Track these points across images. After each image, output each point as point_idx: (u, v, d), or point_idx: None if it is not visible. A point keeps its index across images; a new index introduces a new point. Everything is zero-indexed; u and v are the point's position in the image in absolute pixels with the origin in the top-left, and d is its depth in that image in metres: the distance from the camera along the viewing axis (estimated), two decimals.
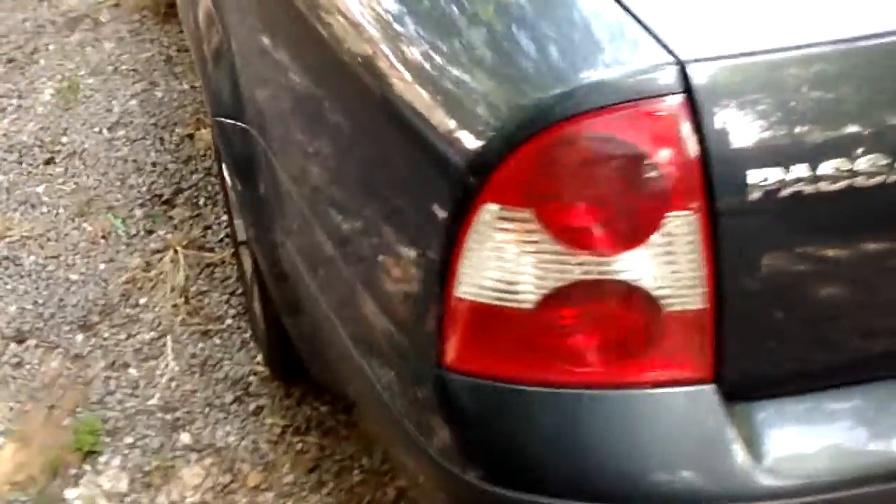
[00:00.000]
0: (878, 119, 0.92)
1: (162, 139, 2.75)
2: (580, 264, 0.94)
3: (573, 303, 0.96)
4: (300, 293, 1.48)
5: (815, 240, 0.96)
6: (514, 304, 0.96)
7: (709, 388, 1.04)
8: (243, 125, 1.51)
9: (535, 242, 0.93)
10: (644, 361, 1.02)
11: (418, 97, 0.99)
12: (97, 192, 2.55)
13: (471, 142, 0.92)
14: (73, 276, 2.30)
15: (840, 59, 0.91)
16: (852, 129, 0.91)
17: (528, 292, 0.96)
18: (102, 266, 2.32)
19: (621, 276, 0.95)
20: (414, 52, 1.03)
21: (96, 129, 2.79)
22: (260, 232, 1.59)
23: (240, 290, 2.25)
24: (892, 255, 1.01)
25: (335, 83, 1.17)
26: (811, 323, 1.04)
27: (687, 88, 0.87)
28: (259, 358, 2.09)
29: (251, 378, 2.05)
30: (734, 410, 1.04)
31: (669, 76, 0.88)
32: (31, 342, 2.13)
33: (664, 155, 0.89)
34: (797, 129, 0.90)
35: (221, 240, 2.41)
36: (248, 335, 2.15)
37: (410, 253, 1.04)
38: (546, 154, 0.88)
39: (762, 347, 1.04)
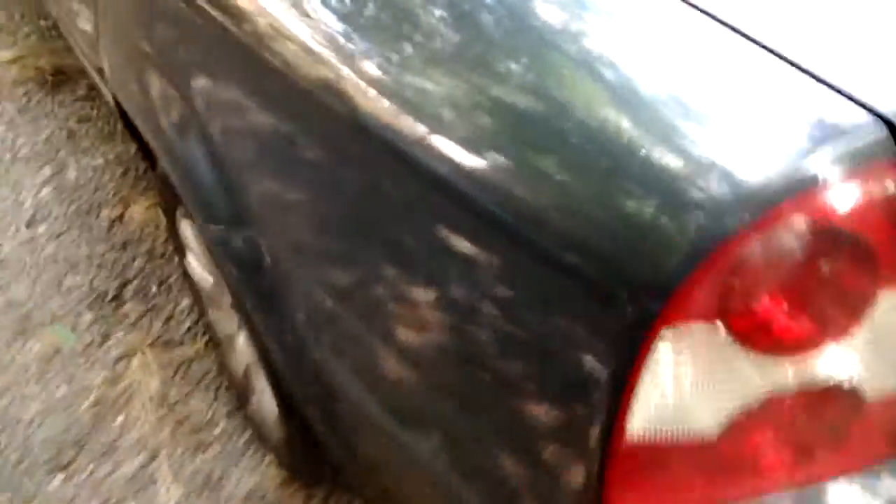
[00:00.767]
0: None
1: (90, 227, 2.46)
2: (777, 372, 0.77)
3: (766, 414, 0.79)
4: (346, 405, 1.30)
5: None
6: (696, 431, 0.79)
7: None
8: (247, 232, 1.28)
9: (726, 359, 0.75)
10: (838, 454, 0.86)
11: (562, 209, 0.78)
12: (33, 303, 2.26)
13: (642, 258, 0.73)
14: (32, 409, 2.01)
15: None
16: None
17: (714, 415, 0.78)
18: (63, 389, 2.05)
19: (822, 376, 0.78)
20: (553, 147, 0.81)
21: (12, 229, 2.48)
22: (277, 333, 1.37)
23: (225, 385, 2.01)
24: None
25: (413, 173, 0.93)
26: None
27: None
28: (268, 460, 1.86)
29: (266, 485, 1.82)
30: None
31: (876, 139, 0.71)
32: (1, 498, 1.86)
33: (874, 231, 0.72)
34: None
35: (188, 330, 2.16)
36: (248, 435, 1.92)
37: (553, 388, 0.84)
38: (740, 257, 0.71)
39: None
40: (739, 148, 0.73)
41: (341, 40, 1.04)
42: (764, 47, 0.78)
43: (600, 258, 0.75)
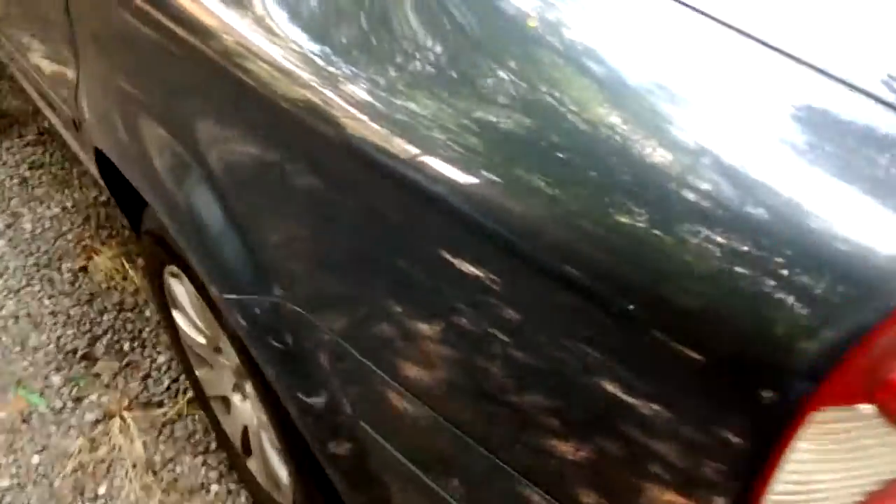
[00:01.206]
0: None
1: (51, 280, 2.33)
2: None
3: None
4: (378, 462, 1.22)
5: None
6: None
7: None
8: (268, 287, 1.18)
9: (869, 437, 0.70)
10: None
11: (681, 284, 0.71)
12: None
13: (785, 335, 0.66)
14: (4, 483, 1.87)
15: None
16: None
17: (851, 491, 0.73)
18: (36, 459, 1.91)
19: None
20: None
21: None
22: (300, 394, 1.28)
23: (213, 446, 1.90)
24: None
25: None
26: None
27: None
28: None
29: None
30: None
31: None
32: None
33: None
34: None
35: (168, 388, 2.04)
36: (244, 499, 1.81)
37: (673, 472, 0.77)
38: (888, 339, 0.65)
39: None
40: (876, 224, 0.67)
41: (331, 67, 0.97)
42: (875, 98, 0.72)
43: (731, 335, 0.69)
